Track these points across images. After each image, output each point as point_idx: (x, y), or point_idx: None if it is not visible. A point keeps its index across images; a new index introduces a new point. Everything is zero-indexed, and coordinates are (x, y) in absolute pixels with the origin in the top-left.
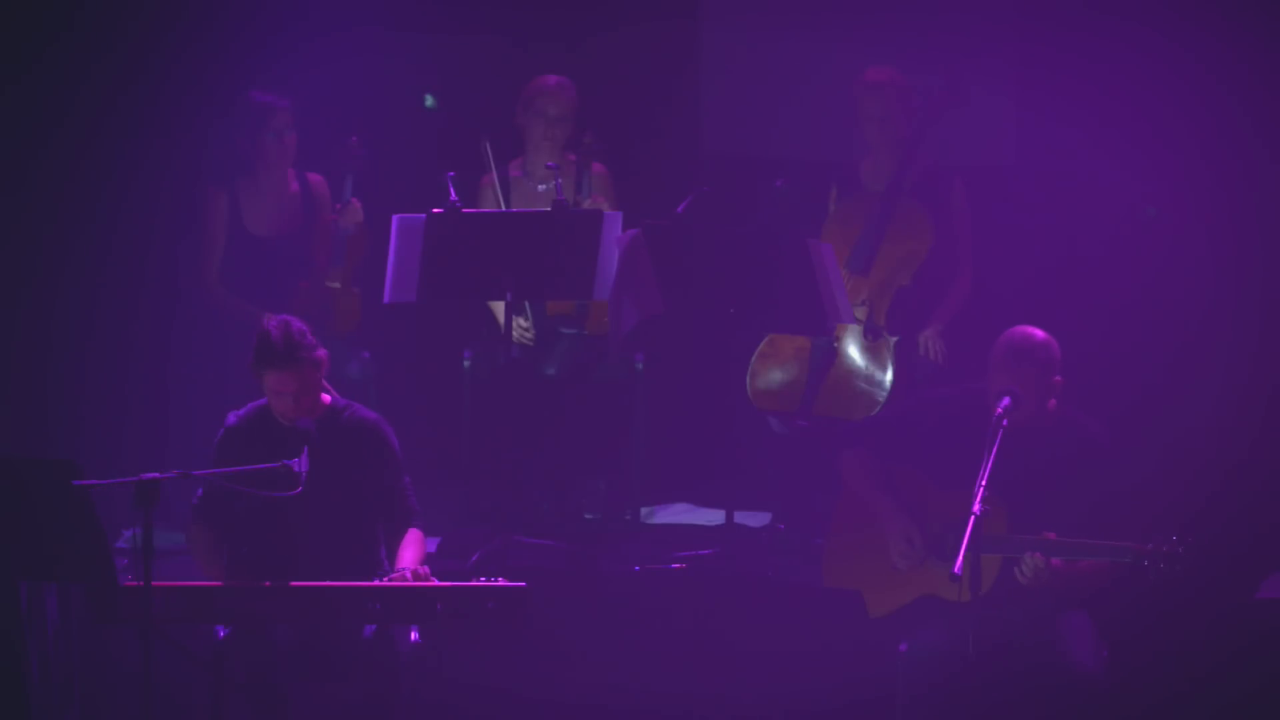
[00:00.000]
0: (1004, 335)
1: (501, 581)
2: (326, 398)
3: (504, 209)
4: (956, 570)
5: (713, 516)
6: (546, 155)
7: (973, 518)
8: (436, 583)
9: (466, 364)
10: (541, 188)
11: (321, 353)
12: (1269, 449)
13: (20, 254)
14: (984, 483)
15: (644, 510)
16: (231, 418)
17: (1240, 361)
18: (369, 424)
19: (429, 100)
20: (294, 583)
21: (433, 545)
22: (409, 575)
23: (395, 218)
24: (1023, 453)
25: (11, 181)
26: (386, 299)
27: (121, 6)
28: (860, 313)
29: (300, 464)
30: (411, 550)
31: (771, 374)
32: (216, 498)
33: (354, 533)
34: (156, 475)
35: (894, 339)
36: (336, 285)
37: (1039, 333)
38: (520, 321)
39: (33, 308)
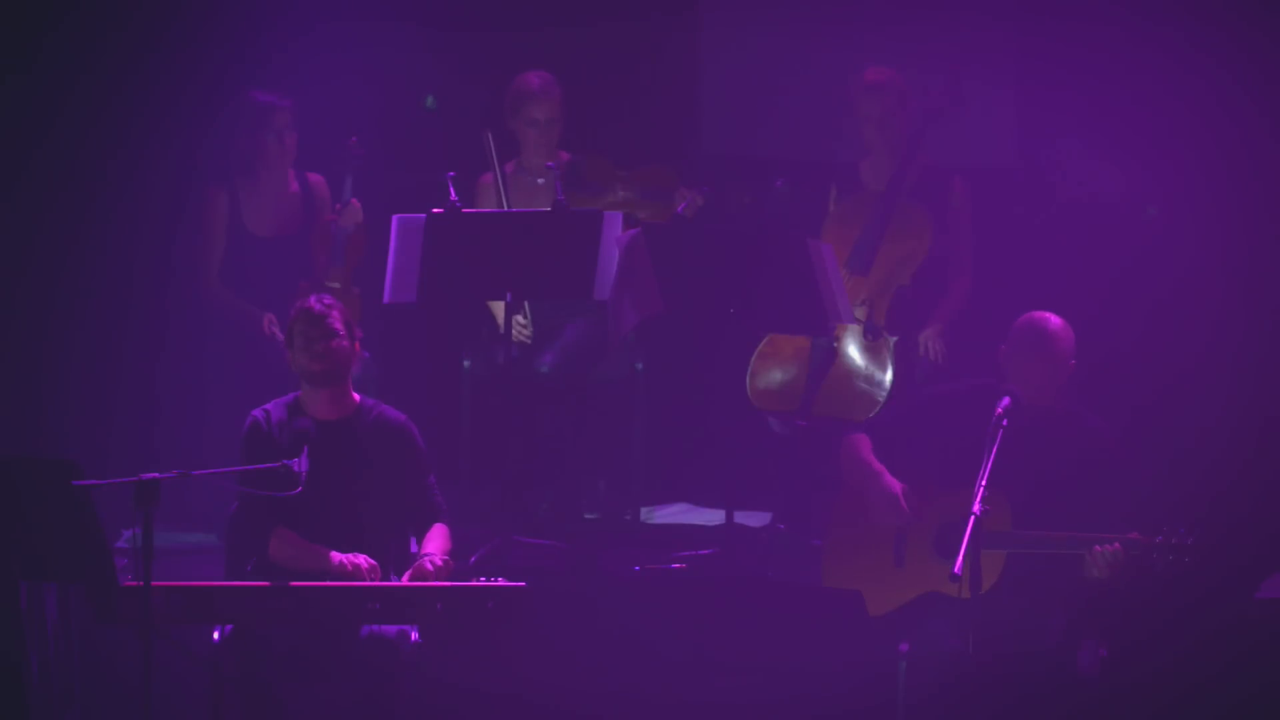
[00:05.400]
0: (1021, 320)
1: (501, 581)
2: (356, 396)
3: (505, 207)
4: (956, 570)
5: (713, 516)
6: (544, 157)
7: (972, 518)
8: (439, 582)
9: (466, 364)
10: (541, 181)
11: (358, 335)
12: (1269, 448)
13: (20, 253)
14: (984, 483)
15: (644, 510)
16: (259, 413)
17: (1242, 359)
18: (397, 424)
19: (429, 101)
20: (294, 583)
21: None
22: (429, 565)
23: (395, 218)
24: (1027, 447)
25: (10, 180)
26: (386, 299)
27: (121, 4)
28: (860, 313)
29: (300, 464)
30: (436, 542)
31: (771, 374)
32: (255, 503)
33: (380, 530)
34: (156, 475)
35: (894, 339)
36: (336, 285)
37: (1056, 319)
38: (518, 319)
39: (32, 307)
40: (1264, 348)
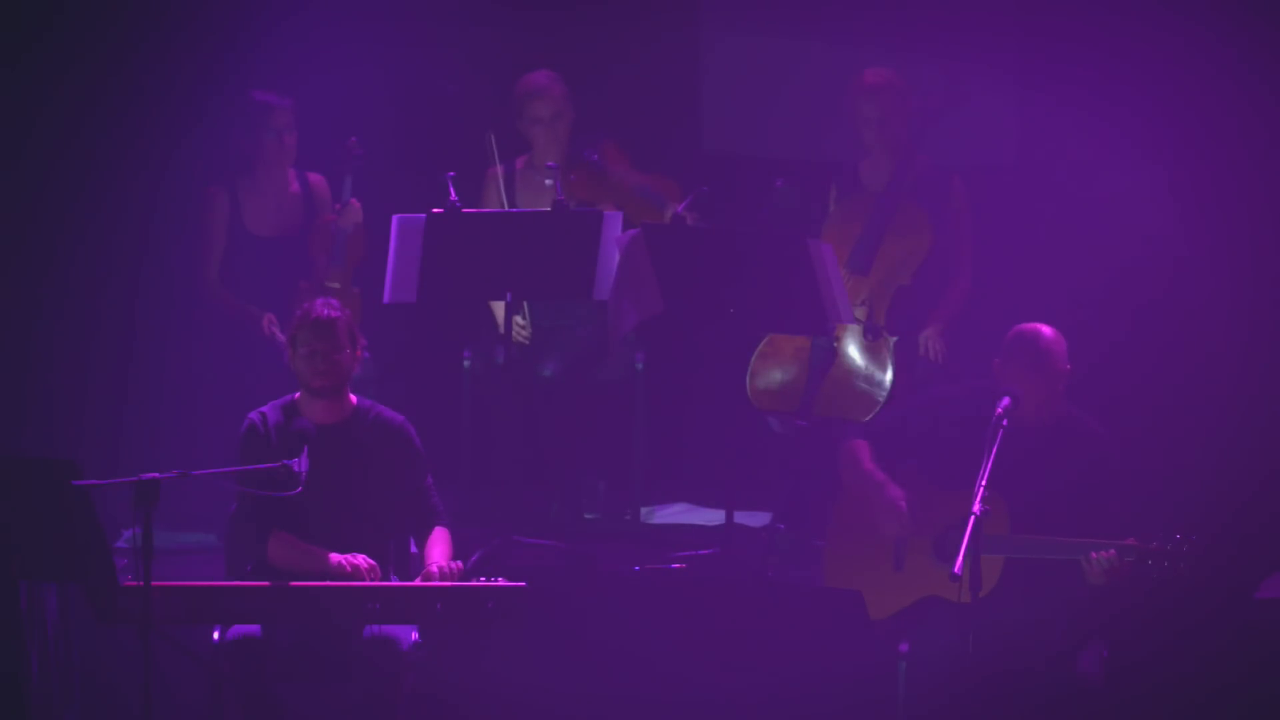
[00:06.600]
0: (1013, 333)
1: (501, 581)
2: (353, 398)
3: (505, 206)
4: (956, 570)
5: (713, 516)
6: (553, 154)
7: (972, 518)
8: (438, 582)
9: (466, 364)
10: (549, 182)
11: (361, 344)
12: (1268, 448)
13: (20, 254)
14: (984, 483)
15: (644, 510)
16: (255, 416)
17: (1241, 359)
18: (395, 425)
19: None
20: (294, 583)
21: None
22: (435, 570)
23: (395, 218)
24: (1026, 451)
25: (9, 179)
26: (386, 299)
27: (120, 4)
28: (860, 313)
29: (300, 464)
30: (440, 548)
31: (771, 374)
32: (253, 505)
33: (379, 532)
34: (156, 475)
35: (894, 339)
36: (336, 285)
37: (1047, 329)
38: (518, 319)
39: (33, 307)
40: (1263, 343)
